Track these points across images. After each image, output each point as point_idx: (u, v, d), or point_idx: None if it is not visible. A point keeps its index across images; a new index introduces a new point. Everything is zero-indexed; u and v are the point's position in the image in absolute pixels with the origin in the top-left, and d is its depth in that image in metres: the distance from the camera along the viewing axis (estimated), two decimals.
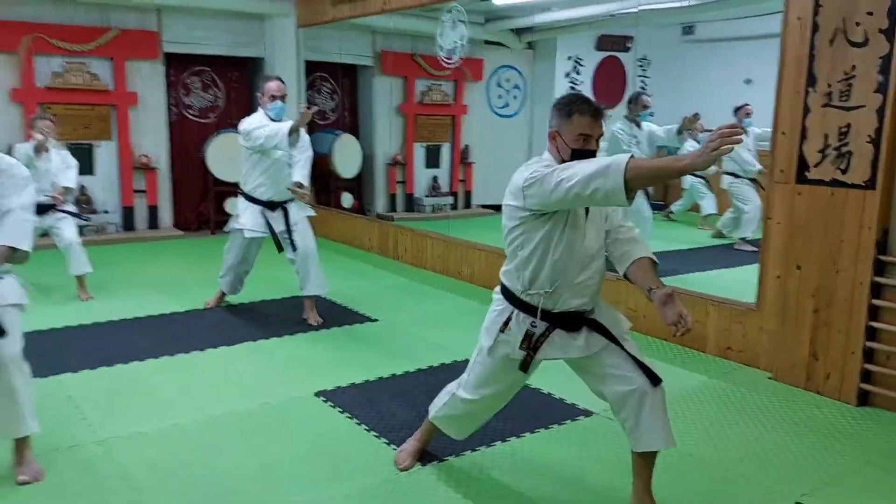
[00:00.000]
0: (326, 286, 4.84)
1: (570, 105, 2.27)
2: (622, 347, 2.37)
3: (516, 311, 2.39)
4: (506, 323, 2.40)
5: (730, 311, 4.17)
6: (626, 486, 2.53)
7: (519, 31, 10.25)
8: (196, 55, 8.26)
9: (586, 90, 9.53)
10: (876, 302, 3.39)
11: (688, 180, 7.40)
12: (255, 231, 4.67)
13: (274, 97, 4.52)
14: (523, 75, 10.83)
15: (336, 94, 9.69)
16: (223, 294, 5.09)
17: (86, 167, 7.42)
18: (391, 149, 9.85)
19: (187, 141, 8.36)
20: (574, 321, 2.37)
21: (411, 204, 10.02)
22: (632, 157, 2.02)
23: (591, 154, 2.25)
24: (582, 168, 2.08)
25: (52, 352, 4.00)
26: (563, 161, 2.24)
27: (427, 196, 10.09)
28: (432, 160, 10.22)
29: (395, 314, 5.09)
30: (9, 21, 6.94)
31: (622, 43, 9.97)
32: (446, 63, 6.31)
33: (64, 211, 5.18)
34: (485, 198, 10.46)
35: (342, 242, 7.79)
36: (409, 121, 9.88)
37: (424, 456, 2.90)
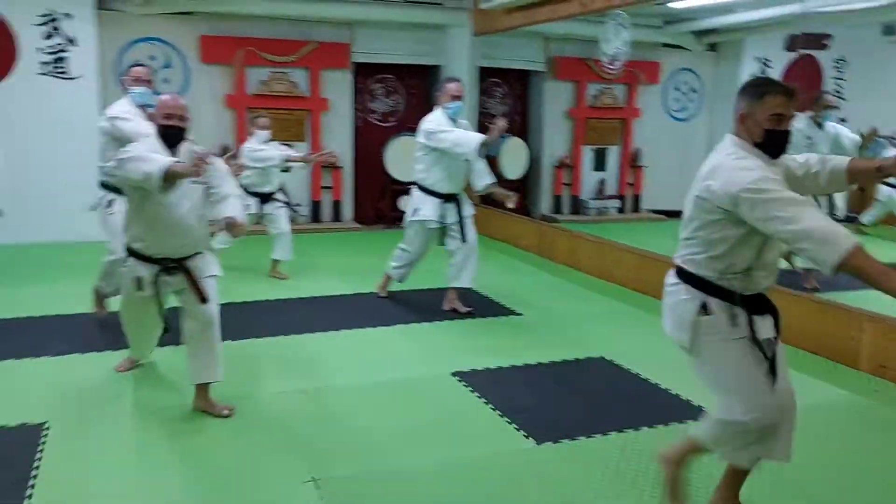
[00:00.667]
0: (475, 280, 5.20)
1: (762, 86, 2.26)
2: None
3: (711, 298, 2.30)
4: (703, 308, 2.30)
5: (886, 328, 3.95)
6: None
7: (700, 34, 9.99)
8: (381, 64, 9.02)
9: None
10: None
11: (884, 191, 6.86)
12: (436, 221, 4.99)
13: (453, 97, 4.86)
14: (701, 78, 10.53)
15: (507, 99, 10.07)
16: (388, 279, 5.56)
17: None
18: (559, 151, 10.06)
19: (369, 143, 9.15)
20: (762, 303, 2.34)
21: (577, 206, 10.15)
22: (859, 247, 1.96)
23: (785, 135, 2.24)
24: (803, 218, 2.02)
25: (242, 321, 4.72)
26: (756, 143, 2.24)
27: (593, 199, 10.17)
28: (599, 163, 10.28)
29: (541, 310, 5.34)
30: (228, 37, 8.07)
31: (818, 41, 9.36)
32: (609, 68, 6.42)
33: (281, 201, 6.01)
34: (655, 202, 10.32)
35: (501, 240, 8.14)
36: (578, 124, 10.02)
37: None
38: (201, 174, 3.07)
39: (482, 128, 8.36)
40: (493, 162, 8.98)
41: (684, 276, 2.38)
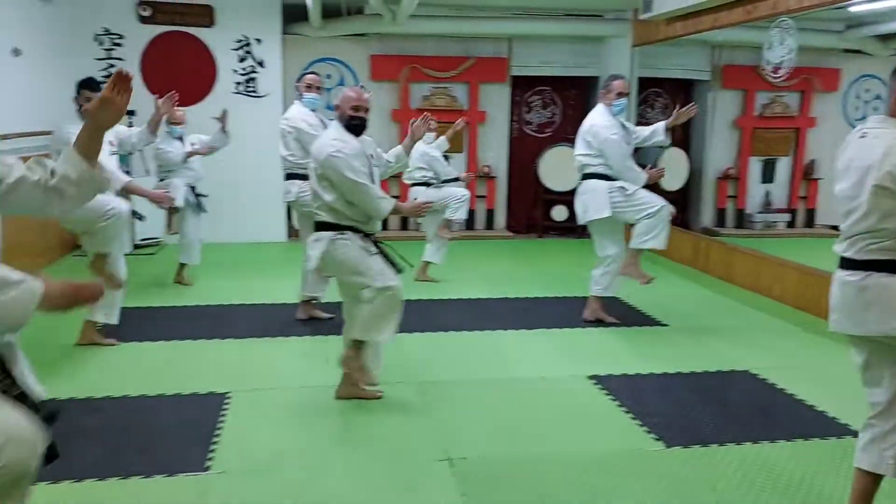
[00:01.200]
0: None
1: None
2: None
3: None
4: None
5: None
6: None
7: (885, 38, 9.24)
8: (538, 76, 9.24)
9: None
10: None
11: None
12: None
13: (619, 94, 4.95)
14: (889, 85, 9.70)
15: (668, 109, 9.87)
16: (599, 300, 5.16)
17: None
18: (723, 162, 9.70)
19: (524, 153, 9.38)
20: None
21: (741, 219, 9.73)
22: None
23: None
24: None
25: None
26: None
27: (759, 212, 9.69)
28: (768, 175, 9.78)
29: (688, 322, 5.28)
30: (395, 55, 8.67)
31: None
32: (773, 77, 6.20)
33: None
34: (832, 217, 9.63)
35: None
36: (745, 134, 9.62)
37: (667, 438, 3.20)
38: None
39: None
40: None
41: (876, 265, 2.29)
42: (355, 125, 3.54)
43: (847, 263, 2.35)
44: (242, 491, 2.82)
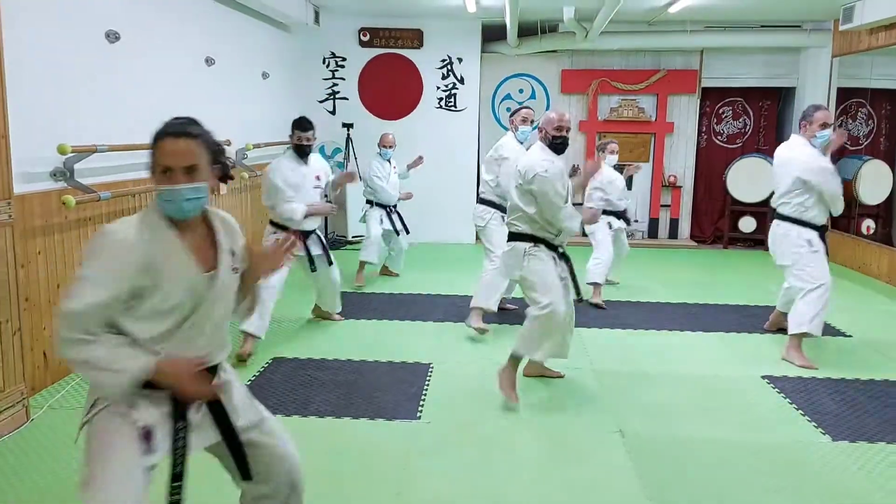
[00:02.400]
0: None
1: None
2: None
3: None
4: None
5: None
6: None
7: None
8: (730, 87, 9.22)
9: None
10: None
11: None
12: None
13: (823, 125, 4.48)
14: None
15: (871, 120, 9.38)
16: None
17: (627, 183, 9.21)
18: None
19: (712, 163, 9.39)
20: None
21: None
22: None
23: None
24: None
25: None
26: None
27: None
28: None
29: (875, 335, 5.22)
30: (584, 70, 9.11)
31: None
32: None
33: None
34: None
35: (849, 267, 7.75)
36: None
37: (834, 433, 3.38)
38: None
39: (839, 152, 8.16)
40: (847, 186, 8.59)
41: None
42: (558, 144, 3.90)
43: None
44: (445, 438, 3.45)
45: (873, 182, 8.64)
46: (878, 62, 8.63)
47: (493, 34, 8.92)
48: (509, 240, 4.04)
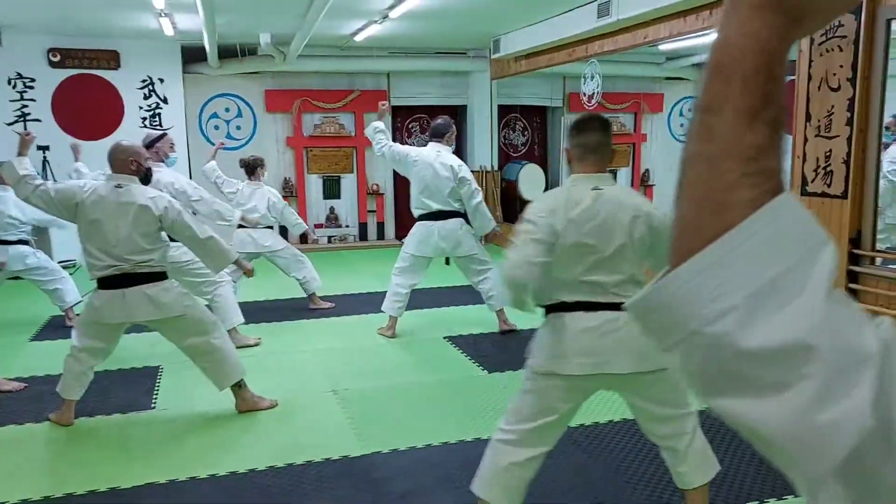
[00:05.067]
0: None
1: None
2: None
3: None
4: None
5: None
6: None
7: (701, 66, 11.18)
8: (415, 106, 10.63)
9: None
10: (851, 286, 4.33)
11: None
12: None
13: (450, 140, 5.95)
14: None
15: (527, 131, 11.52)
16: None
17: (335, 193, 10.19)
18: None
19: None
20: None
21: None
22: None
23: None
24: None
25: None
26: None
27: None
28: None
29: None
30: (287, 90, 9.84)
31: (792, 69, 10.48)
32: (587, 106, 7.81)
33: None
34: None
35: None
36: None
37: None
38: None
39: (506, 157, 9.94)
40: (512, 186, 10.51)
41: None
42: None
43: None
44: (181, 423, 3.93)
45: (531, 182, 10.66)
46: (527, 83, 10.67)
47: (194, 55, 9.20)
48: None
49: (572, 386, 2.39)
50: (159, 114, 9.16)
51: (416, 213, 5.57)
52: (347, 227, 10.41)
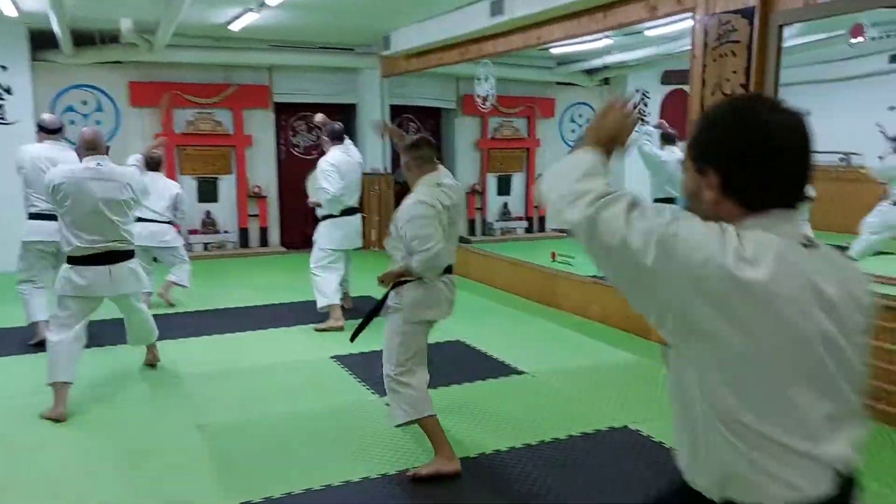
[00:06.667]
0: None
1: None
2: None
3: None
4: None
5: None
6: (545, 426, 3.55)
7: (591, 71, 11.21)
8: (301, 103, 9.96)
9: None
10: None
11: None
12: None
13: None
14: (595, 110, 11.75)
15: (420, 133, 11.08)
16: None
17: (212, 195, 9.38)
18: (470, 179, 11.09)
19: (293, 174, 10.03)
20: None
21: (486, 228, 11.19)
22: None
23: None
24: None
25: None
26: None
27: (498, 220, 11.21)
28: (504, 189, 11.36)
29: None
30: (155, 83, 8.93)
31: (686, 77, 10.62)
32: (481, 108, 7.49)
33: None
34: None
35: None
36: (484, 154, 11.11)
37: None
38: None
39: (398, 160, 9.40)
40: (404, 187, 10.04)
41: None
42: None
43: None
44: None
45: None
46: (420, 83, 10.25)
47: (45, 41, 8.14)
48: None
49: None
50: (3, 105, 8.05)
51: (336, 210, 5.86)
52: (226, 232, 9.60)
